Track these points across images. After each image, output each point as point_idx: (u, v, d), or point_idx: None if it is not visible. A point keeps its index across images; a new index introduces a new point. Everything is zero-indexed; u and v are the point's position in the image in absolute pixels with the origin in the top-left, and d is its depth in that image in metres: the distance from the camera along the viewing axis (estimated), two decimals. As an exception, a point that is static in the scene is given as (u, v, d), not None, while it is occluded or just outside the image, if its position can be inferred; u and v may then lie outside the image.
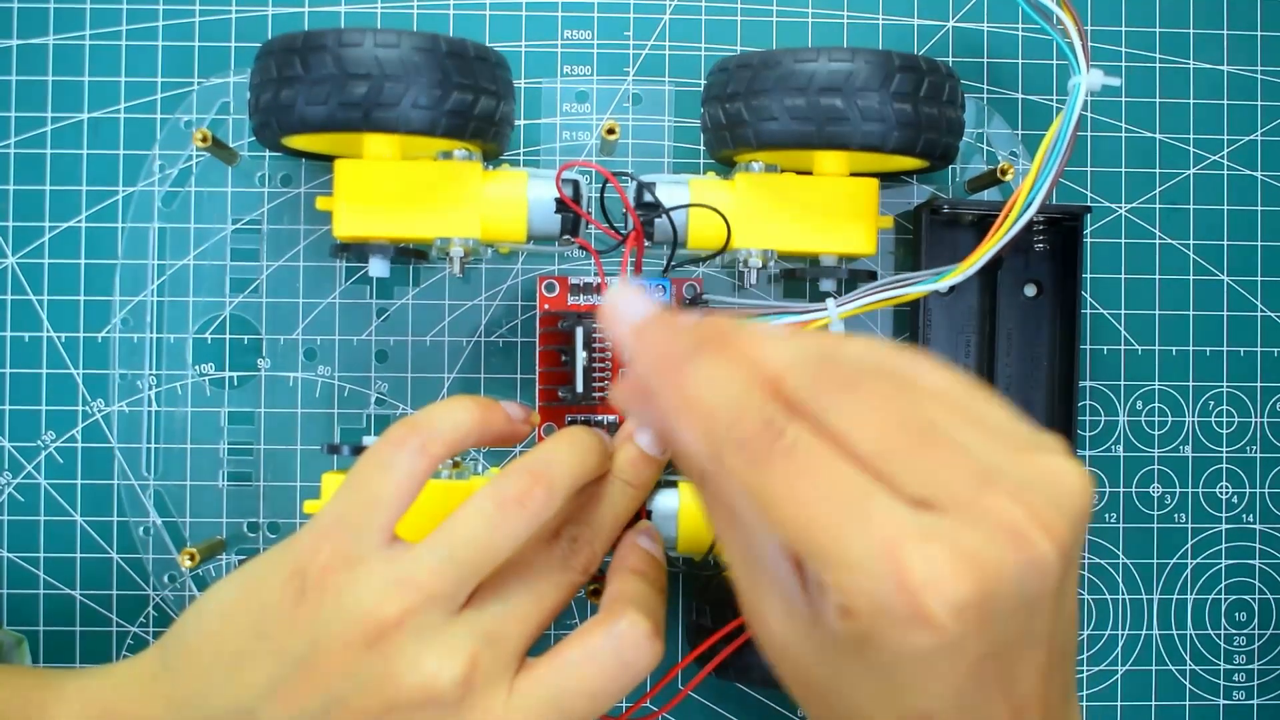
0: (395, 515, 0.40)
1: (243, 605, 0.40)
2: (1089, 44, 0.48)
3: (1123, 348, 0.56)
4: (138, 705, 0.40)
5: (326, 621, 0.38)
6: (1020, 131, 0.56)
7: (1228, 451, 0.57)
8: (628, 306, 0.37)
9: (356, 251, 0.49)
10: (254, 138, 0.50)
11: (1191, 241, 0.57)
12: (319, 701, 0.38)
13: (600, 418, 0.51)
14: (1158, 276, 0.57)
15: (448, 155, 0.49)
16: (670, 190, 0.49)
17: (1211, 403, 0.57)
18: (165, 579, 0.54)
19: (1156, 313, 0.57)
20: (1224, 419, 0.57)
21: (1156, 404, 0.57)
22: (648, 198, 0.49)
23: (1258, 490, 0.57)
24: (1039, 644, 0.33)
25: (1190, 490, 0.57)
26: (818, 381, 0.33)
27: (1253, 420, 0.57)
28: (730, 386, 0.33)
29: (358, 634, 0.38)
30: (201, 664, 0.40)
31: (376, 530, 0.39)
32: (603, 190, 0.50)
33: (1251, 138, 0.57)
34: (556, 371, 0.50)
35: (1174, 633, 0.57)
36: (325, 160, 0.52)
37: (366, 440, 0.46)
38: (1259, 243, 0.57)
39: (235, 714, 0.39)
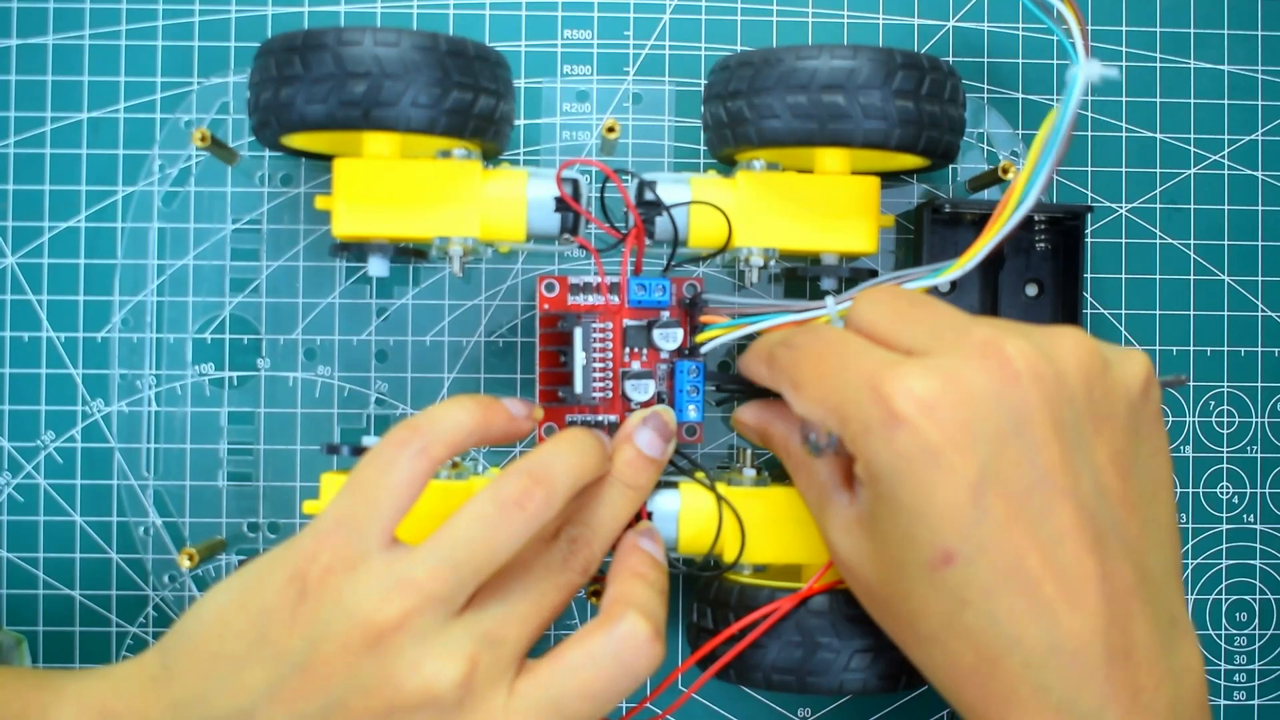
0: (396, 517, 0.40)
1: (242, 607, 0.40)
2: (1090, 38, 0.48)
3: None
4: (137, 707, 0.40)
5: (326, 623, 0.38)
6: (1020, 131, 0.56)
7: (1228, 451, 0.57)
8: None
9: (356, 251, 0.49)
10: (254, 137, 0.50)
11: (1192, 241, 0.57)
12: (318, 704, 0.38)
13: (600, 418, 0.51)
14: (1158, 276, 0.57)
15: (447, 154, 0.48)
16: (671, 188, 0.49)
17: (1212, 403, 0.57)
18: (165, 579, 0.54)
19: (1157, 313, 0.57)
20: (1224, 419, 0.57)
21: (1157, 404, 0.57)
22: (648, 196, 0.49)
23: (1258, 490, 0.57)
24: (1053, 486, 0.37)
25: (1191, 490, 0.57)
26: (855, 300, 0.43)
27: (1253, 420, 0.57)
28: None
29: (358, 636, 0.38)
30: (201, 666, 0.39)
31: (377, 532, 0.39)
32: (603, 189, 0.50)
33: (1252, 137, 0.57)
34: (556, 371, 0.50)
35: (1175, 633, 0.57)
36: (325, 160, 0.52)
37: (366, 440, 0.46)
38: (1260, 243, 0.57)
39: (234, 716, 0.39)
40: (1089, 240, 0.56)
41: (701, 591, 0.50)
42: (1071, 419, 0.38)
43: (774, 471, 0.52)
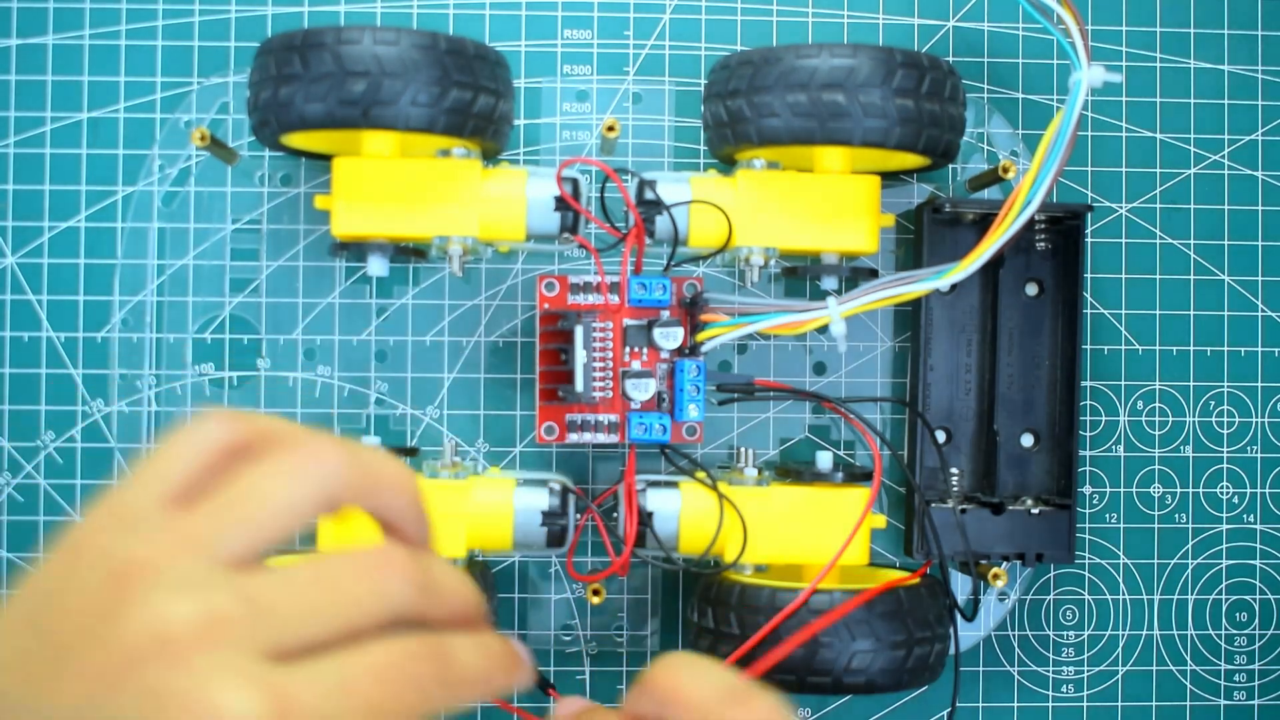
0: (183, 481, 0.34)
1: (18, 601, 0.34)
2: (1090, 40, 0.48)
3: (1123, 347, 0.56)
4: None
5: (78, 576, 0.33)
6: (1021, 131, 0.56)
7: (1228, 451, 0.57)
8: None
9: (355, 250, 0.49)
10: (253, 137, 0.50)
11: (1192, 241, 0.57)
12: (54, 671, 0.32)
13: (600, 417, 0.51)
14: (1158, 276, 0.57)
15: (446, 153, 0.48)
16: (671, 188, 0.49)
17: (1212, 403, 0.57)
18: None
19: (1157, 312, 0.57)
20: (1225, 419, 0.57)
21: (1157, 404, 0.57)
22: (649, 195, 0.49)
23: (1258, 490, 0.57)
24: None
25: (1191, 490, 0.57)
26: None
27: (1253, 420, 0.57)
28: None
29: (103, 586, 0.32)
30: None
31: (154, 498, 0.34)
32: (603, 188, 0.50)
33: (1252, 137, 0.57)
34: (557, 370, 0.50)
35: (1175, 633, 0.57)
36: (325, 159, 0.52)
37: (366, 440, 0.46)
38: (1259, 242, 0.57)
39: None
40: (1089, 240, 0.56)
41: (702, 591, 0.50)
42: None
43: (774, 472, 0.52)
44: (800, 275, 0.53)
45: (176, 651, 0.31)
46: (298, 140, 0.49)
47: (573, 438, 0.51)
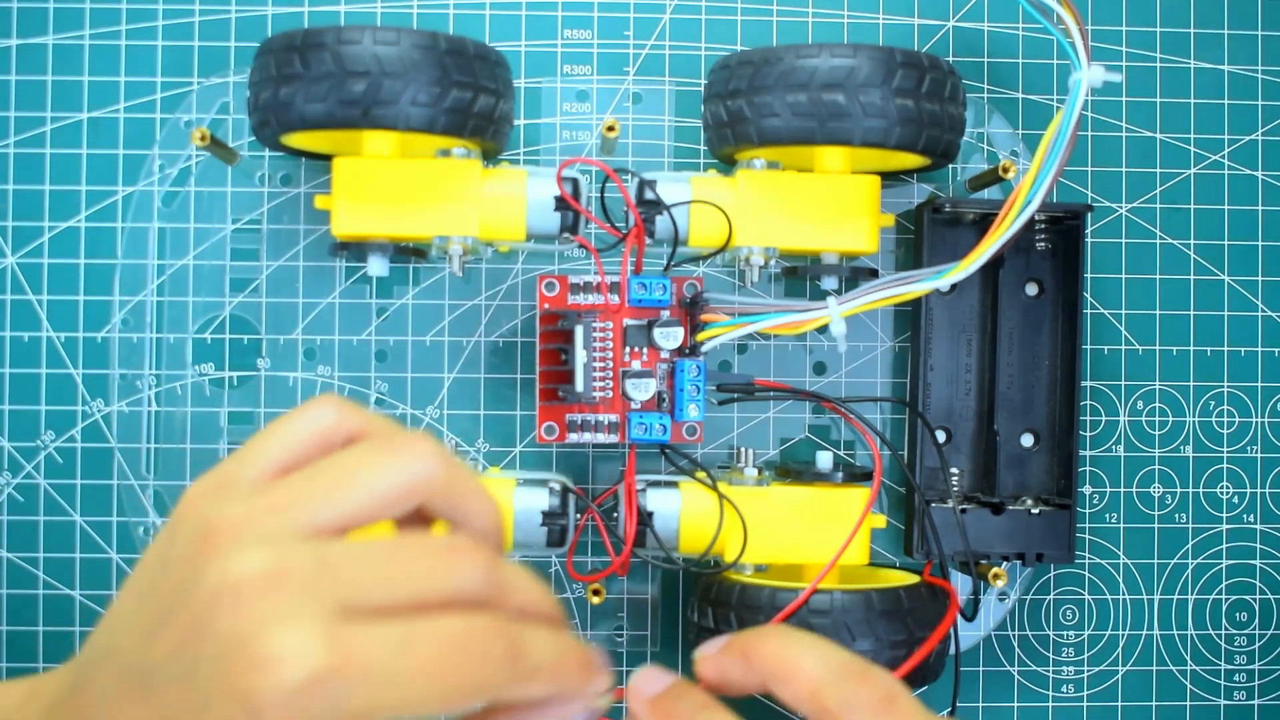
0: (284, 460, 0.36)
1: (138, 570, 0.37)
2: (1089, 40, 0.48)
3: (1123, 347, 0.56)
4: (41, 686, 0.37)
5: (180, 540, 0.35)
6: (1021, 131, 0.56)
7: (1228, 451, 0.57)
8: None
9: (355, 250, 0.49)
10: (254, 137, 0.50)
11: (1192, 241, 0.57)
12: (156, 629, 0.34)
13: (601, 417, 0.51)
14: (1158, 276, 0.57)
15: (446, 153, 0.49)
16: (671, 188, 0.49)
17: (1212, 403, 0.57)
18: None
19: (1157, 312, 0.57)
20: (1224, 419, 0.57)
21: (1157, 404, 0.57)
22: (649, 195, 0.49)
23: (1258, 490, 0.57)
24: None
25: (1191, 490, 0.57)
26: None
27: (1253, 420, 0.57)
28: None
29: (194, 545, 0.34)
30: (98, 643, 0.37)
31: (254, 473, 0.36)
32: (603, 188, 0.50)
33: (1252, 137, 0.57)
34: (557, 370, 0.50)
35: (1175, 633, 0.57)
36: (325, 159, 0.52)
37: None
38: (1260, 242, 0.57)
39: (96, 681, 0.35)
40: (1089, 240, 0.56)
41: (703, 591, 0.50)
42: None
43: (774, 471, 0.52)
44: (800, 275, 0.53)
45: (243, 598, 0.33)
46: (298, 140, 0.49)
47: (573, 438, 0.51)
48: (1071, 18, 0.48)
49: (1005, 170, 0.51)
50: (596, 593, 0.51)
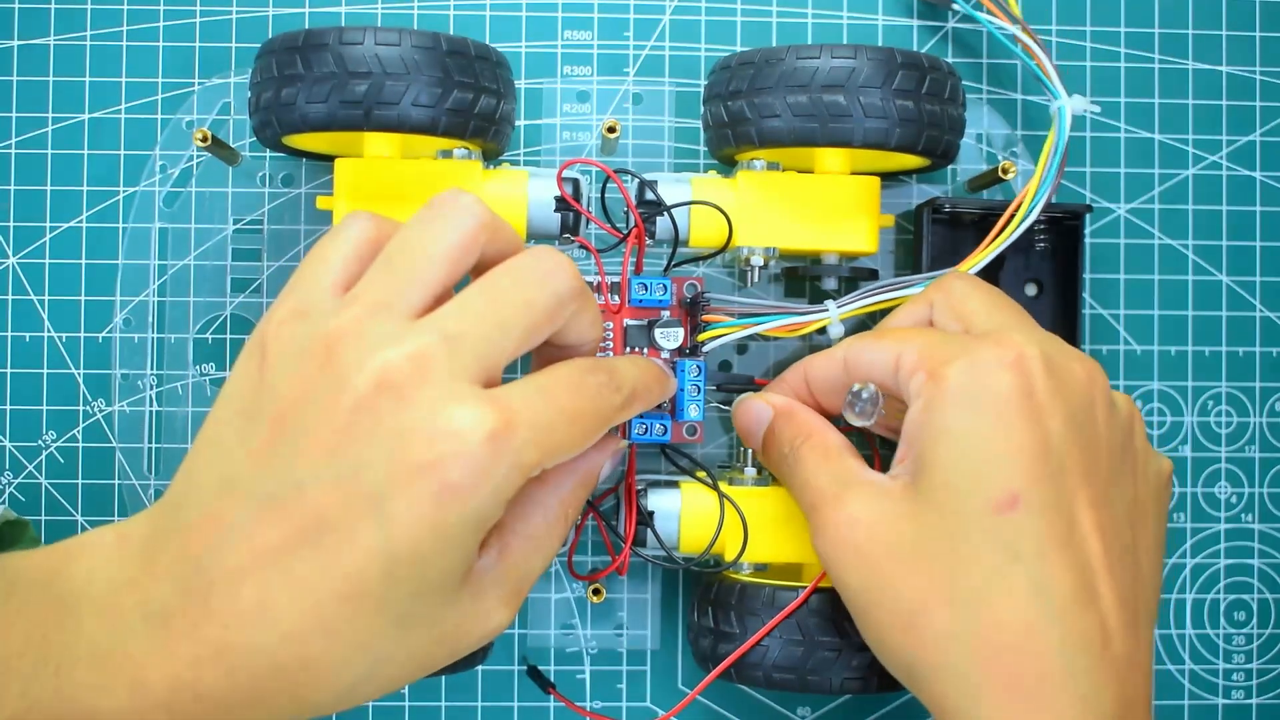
0: (345, 272, 0.38)
1: (223, 405, 0.38)
2: (1056, 65, 0.50)
3: (1122, 348, 0.57)
4: (144, 520, 0.38)
5: (281, 364, 0.37)
6: (1020, 131, 0.56)
7: (1227, 451, 0.57)
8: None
9: (357, 251, 0.49)
10: (255, 137, 0.50)
11: (1191, 242, 0.57)
12: (287, 444, 0.36)
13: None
14: (1157, 277, 0.57)
15: (448, 154, 0.49)
16: (672, 188, 0.49)
17: (1210, 403, 0.57)
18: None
19: (1156, 313, 0.57)
20: (1223, 419, 0.57)
21: (1155, 404, 0.57)
22: (649, 195, 0.49)
23: (1257, 490, 0.57)
24: (1081, 469, 0.40)
25: (1189, 490, 0.57)
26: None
27: (1252, 420, 0.57)
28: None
29: (308, 359, 0.36)
30: (194, 464, 0.38)
31: (328, 288, 0.38)
32: (603, 189, 0.50)
33: (1250, 138, 0.57)
34: (557, 371, 0.50)
35: (1173, 632, 0.57)
36: (326, 160, 0.52)
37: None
38: (1258, 243, 0.57)
39: (219, 487, 0.36)
40: (1088, 240, 0.56)
41: (702, 591, 0.50)
42: (1108, 440, 0.42)
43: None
44: (800, 276, 0.53)
45: (399, 391, 0.35)
46: (299, 141, 0.49)
47: (573, 437, 0.51)
48: (1037, 47, 0.49)
49: (1005, 171, 0.51)
50: (596, 592, 0.51)
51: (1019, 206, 0.48)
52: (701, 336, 0.49)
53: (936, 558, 0.40)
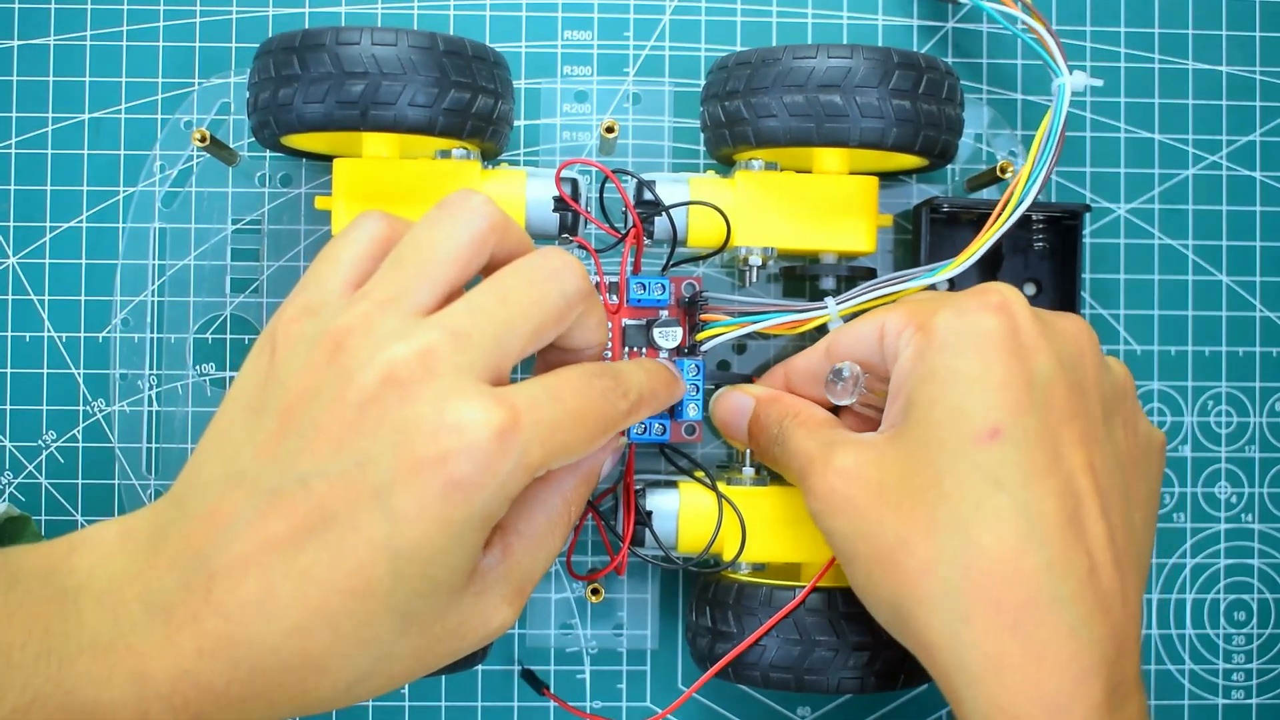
0: (356, 271, 0.39)
1: (232, 401, 0.38)
2: (1061, 44, 0.49)
3: (1121, 348, 0.57)
4: (149, 515, 0.38)
5: (290, 359, 0.37)
6: (1020, 131, 0.56)
7: (1227, 451, 0.57)
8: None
9: (356, 250, 0.49)
10: (254, 138, 0.50)
11: (1190, 242, 0.57)
12: (295, 438, 0.36)
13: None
14: (1156, 277, 0.57)
15: (446, 154, 0.49)
16: (670, 188, 0.49)
17: (1210, 403, 0.57)
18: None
19: (1155, 313, 0.57)
20: (1223, 419, 0.57)
21: (1155, 404, 0.57)
22: (647, 195, 0.49)
23: (1257, 490, 0.57)
24: (1069, 407, 0.41)
25: (1189, 490, 0.57)
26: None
27: (1251, 420, 0.57)
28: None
29: (317, 354, 0.36)
30: (201, 460, 0.38)
31: (338, 286, 0.39)
32: (602, 189, 0.50)
33: (1250, 138, 0.57)
34: (556, 370, 0.50)
35: (1173, 632, 0.57)
36: (325, 160, 0.52)
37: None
38: (1258, 243, 0.57)
39: (227, 481, 0.37)
40: (1087, 240, 0.56)
41: (700, 591, 0.50)
42: (1098, 387, 0.43)
43: (773, 471, 0.52)
44: (799, 275, 0.53)
45: (406, 386, 0.35)
46: (297, 141, 0.49)
47: (572, 437, 0.51)
48: (1040, 25, 0.49)
49: (1003, 170, 0.51)
50: (595, 592, 0.51)
51: (1016, 188, 0.48)
52: (700, 336, 0.49)
53: (920, 491, 0.40)
